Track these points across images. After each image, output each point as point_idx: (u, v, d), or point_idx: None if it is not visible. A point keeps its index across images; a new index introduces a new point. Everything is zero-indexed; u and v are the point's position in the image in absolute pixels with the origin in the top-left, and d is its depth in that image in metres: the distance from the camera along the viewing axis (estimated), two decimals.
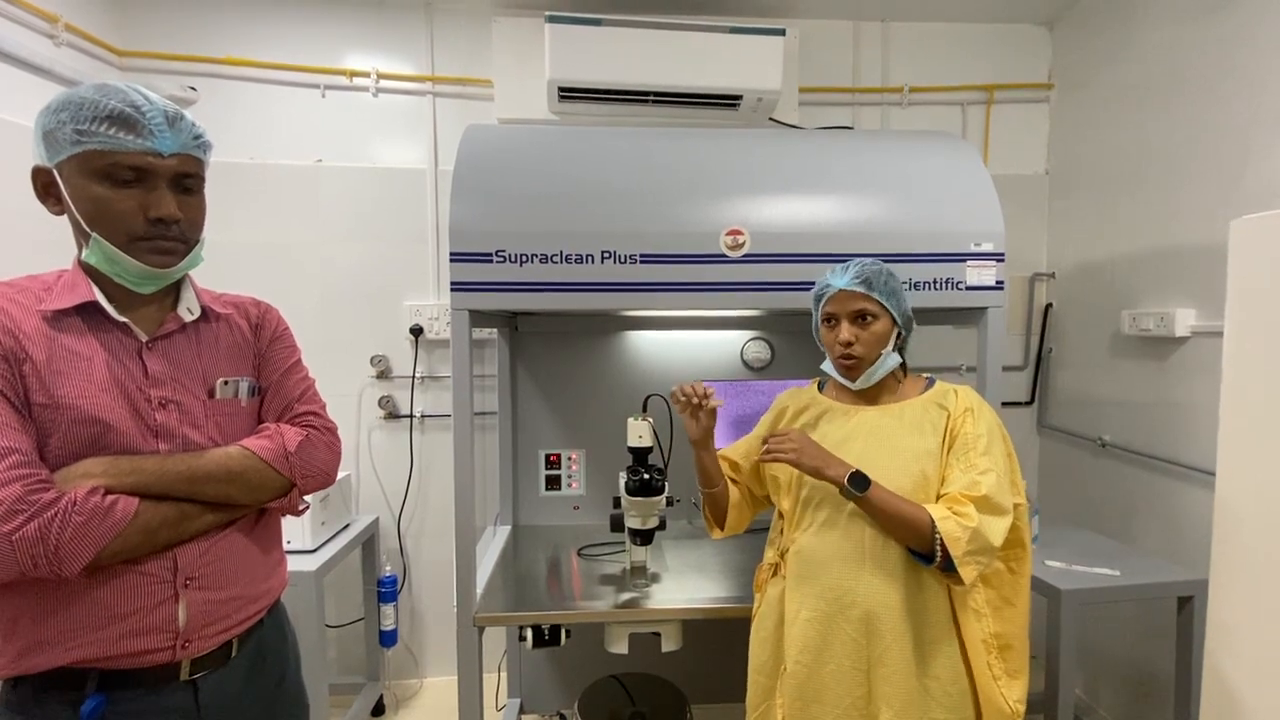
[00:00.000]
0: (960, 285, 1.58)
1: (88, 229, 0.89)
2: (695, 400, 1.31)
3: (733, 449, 1.45)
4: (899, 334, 1.27)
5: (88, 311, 0.91)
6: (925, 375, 1.35)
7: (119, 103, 0.87)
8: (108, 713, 0.89)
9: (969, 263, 1.57)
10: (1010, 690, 1.20)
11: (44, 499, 0.81)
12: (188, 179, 0.93)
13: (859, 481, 1.13)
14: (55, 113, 0.87)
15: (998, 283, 1.58)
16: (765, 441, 1.24)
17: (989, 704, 1.19)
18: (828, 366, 1.31)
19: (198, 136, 0.94)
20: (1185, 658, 1.72)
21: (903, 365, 1.31)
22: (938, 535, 1.10)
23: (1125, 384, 2.17)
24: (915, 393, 1.29)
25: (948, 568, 1.11)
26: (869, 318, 1.23)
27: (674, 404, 1.34)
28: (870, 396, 1.30)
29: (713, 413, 1.33)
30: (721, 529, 1.42)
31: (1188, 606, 1.71)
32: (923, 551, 1.14)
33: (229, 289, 1.11)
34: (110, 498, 0.85)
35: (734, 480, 1.42)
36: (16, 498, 0.79)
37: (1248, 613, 1.21)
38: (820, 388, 1.40)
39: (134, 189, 0.89)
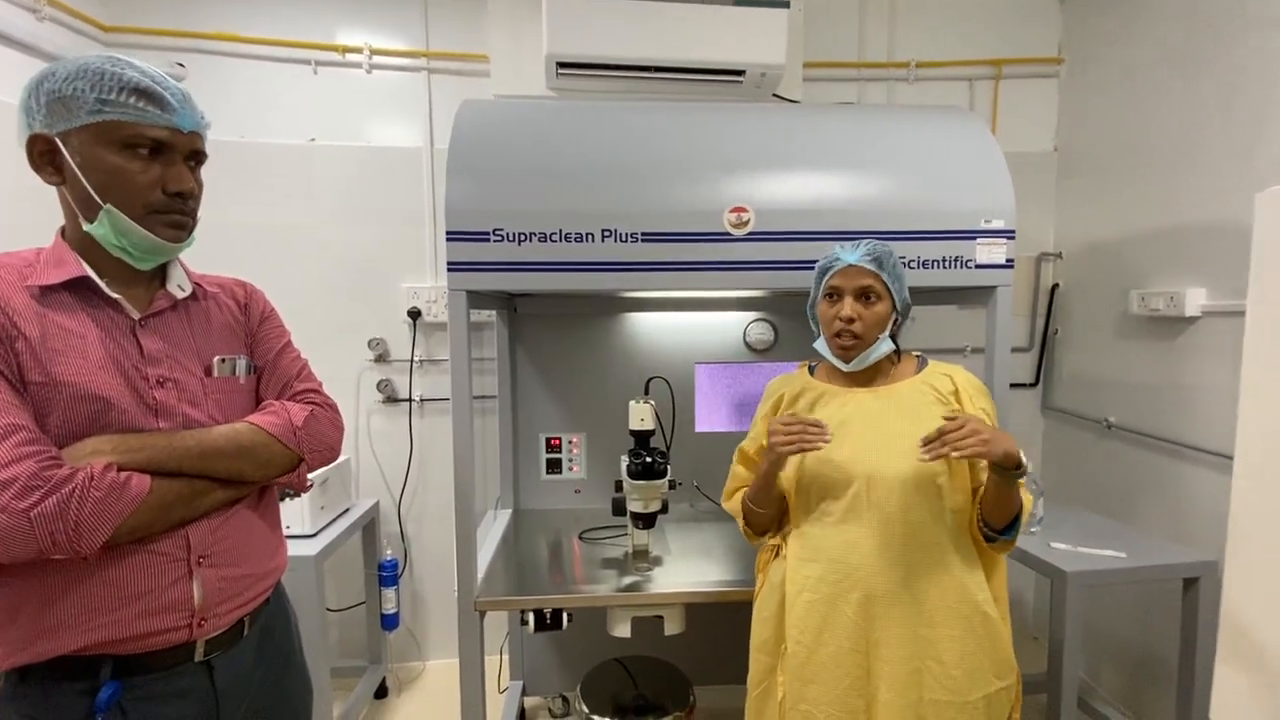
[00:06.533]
0: (970, 264, 1.54)
1: (99, 199, 0.86)
2: (809, 436, 1.15)
3: (752, 448, 1.38)
4: (896, 319, 1.25)
5: (76, 288, 0.89)
6: (916, 354, 1.34)
7: (138, 75, 0.87)
8: (124, 700, 0.87)
9: (979, 240, 1.54)
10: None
11: (59, 475, 0.79)
12: (197, 156, 0.95)
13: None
14: (69, 80, 0.84)
15: (1008, 261, 1.55)
16: (940, 435, 1.06)
17: (1007, 662, 1.21)
18: (821, 346, 1.29)
19: (203, 116, 0.96)
20: (1190, 640, 1.71)
21: (896, 351, 1.29)
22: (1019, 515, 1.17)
23: (1132, 365, 2.15)
24: (910, 373, 1.29)
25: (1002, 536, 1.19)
26: (873, 297, 1.22)
27: (780, 434, 1.17)
28: (863, 379, 1.29)
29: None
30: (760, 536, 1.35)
31: (1193, 588, 1.70)
32: (998, 526, 1.18)
33: (221, 271, 1.09)
34: (124, 474, 0.84)
35: None
36: (31, 474, 0.77)
37: (1264, 597, 1.20)
38: (811, 371, 1.37)
39: (152, 162, 0.89)
